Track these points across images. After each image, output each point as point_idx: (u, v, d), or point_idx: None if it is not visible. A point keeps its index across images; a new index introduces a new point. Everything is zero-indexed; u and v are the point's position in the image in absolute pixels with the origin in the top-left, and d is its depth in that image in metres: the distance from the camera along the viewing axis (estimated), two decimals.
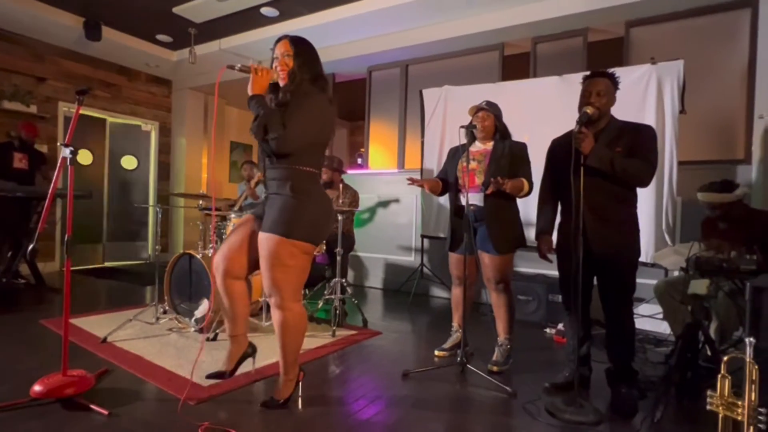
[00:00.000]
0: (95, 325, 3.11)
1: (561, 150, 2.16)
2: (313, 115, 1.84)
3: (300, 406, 1.96)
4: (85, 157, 5.89)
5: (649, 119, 3.15)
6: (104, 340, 2.76)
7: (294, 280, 1.87)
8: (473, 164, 2.55)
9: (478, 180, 2.53)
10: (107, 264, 6.12)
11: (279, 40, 1.92)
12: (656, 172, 2.07)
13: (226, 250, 1.92)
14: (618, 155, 1.99)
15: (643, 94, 3.30)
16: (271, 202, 1.88)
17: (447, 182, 2.73)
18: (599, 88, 2.07)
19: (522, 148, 2.59)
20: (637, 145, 2.02)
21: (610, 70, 2.15)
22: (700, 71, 3.59)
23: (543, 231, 2.31)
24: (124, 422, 1.79)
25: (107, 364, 2.40)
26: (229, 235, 1.99)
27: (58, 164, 2.00)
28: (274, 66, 1.90)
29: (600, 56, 4.16)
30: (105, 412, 1.83)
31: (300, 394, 2.02)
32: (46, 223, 2.13)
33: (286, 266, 1.81)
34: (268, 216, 1.85)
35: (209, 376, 1.96)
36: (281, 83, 1.89)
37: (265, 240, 1.82)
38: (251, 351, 2.05)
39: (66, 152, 1.95)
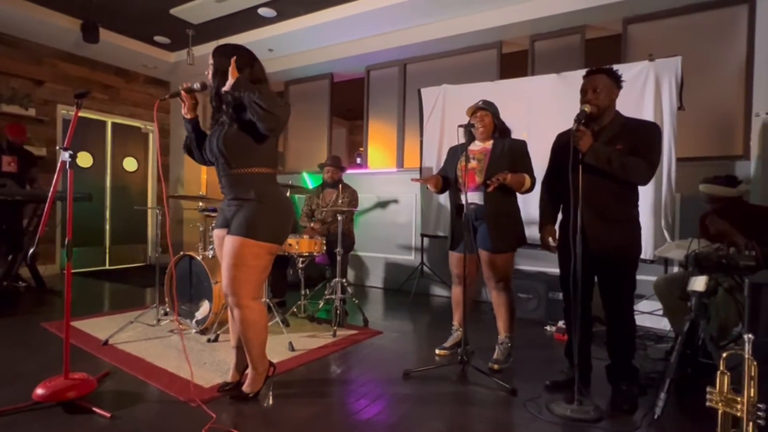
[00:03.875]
0: (96, 327, 3.11)
1: (562, 146, 2.16)
2: (283, 103, 1.91)
3: (270, 402, 2.00)
4: (84, 159, 5.88)
5: (647, 116, 3.16)
6: (105, 342, 2.76)
7: (254, 280, 1.91)
8: (473, 163, 2.56)
9: (479, 179, 2.53)
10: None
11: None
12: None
13: None
14: (616, 153, 1.98)
15: (641, 91, 3.30)
16: (234, 206, 1.92)
17: (447, 180, 2.73)
18: (596, 85, 2.07)
19: (522, 144, 2.59)
20: (638, 143, 2.01)
21: (609, 67, 2.15)
22: (697, 68, 3.59)
23: (545, 222, 2.31)
24: (126, 424, 1.80)
25: (109, 366, 2.41)
26: (220, 256, 2.03)
27: (58, 167, 2.00)
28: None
29: (598, 53, 4.16)
30: (107, 414, 1.84)
31: (271, 389, 2.06)
32: (46, 226, 2.13)
33: (249, 266, 1.87)
34: (237, 220, 1.89)
35: (220, 390, 2.08)
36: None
37: (230, 241, 1.87)
38: None
39: (65, 156, 1.96)
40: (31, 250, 2.41)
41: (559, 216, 2.30)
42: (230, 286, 1.88)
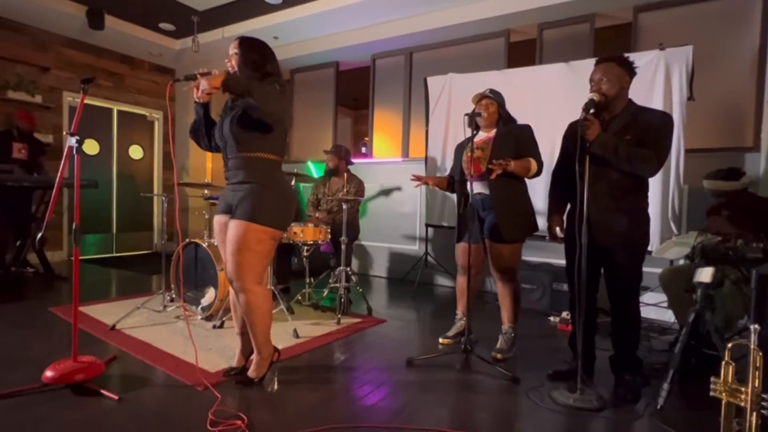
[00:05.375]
0: (103, 312, 3.15)
1: (572, 135, 2.14)
2: (278, 96, 1.92)
3: (275, 387, 2.01)
4: (90, 147, 5.90)
5: (656, 106, 3.11)
6: (113, 327, 2.80)
7: (258, 265, 1.93)
8: (477, 152, 2.54)
9: (483, 168, 2.51)
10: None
11: (235, 40, 2.01)
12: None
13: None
14: (624, 143, 1.96)
15: (651, 81, 3.26)
16: (238, 191, 1.93)
17: (455, 179, 2.72)
18: (604, 73, 2.04)
19: (526, 129, 2.55)
20: (649, 134, 1.98)
21: (620, 55, 2.11)
22: (709, 57, 3.53)
23: (553, 211, 2.30)
24: (133, 407, 1.83)
25: (116, 350, 2.44)
26: (221, 243, 2.05)
27: (65, 153, 2.01)
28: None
29: (607, 42, 4.11)
30: (115, 397, 1.87)
31: (276, 374, 2.07)
32: (53, 213, 2.15)
33: (253, 251, 1.89)
34: (241, 205, 1.90)
35: (226, 375, 2.10)
36: None
37: (235, 226, 1.88)
38: None
39: (72, 141, 1.96)
40: (39, 236, 2.41)
41: (568, 206, 2.29)
42: (234, 271, 1.90)
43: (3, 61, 4.95)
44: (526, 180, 2.56)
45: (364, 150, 6.55)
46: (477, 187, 2.54)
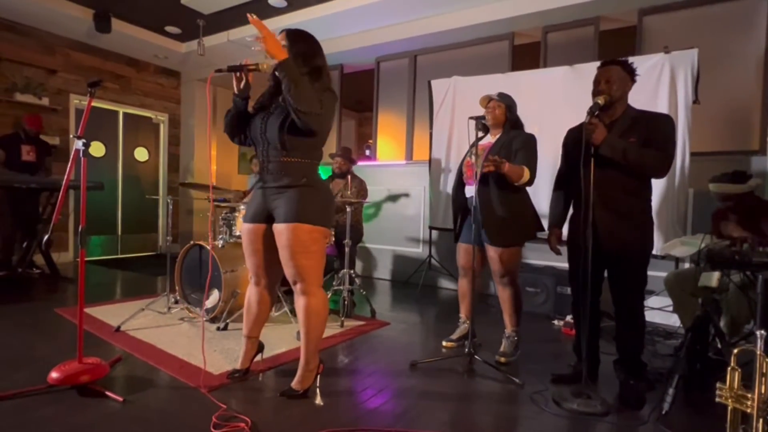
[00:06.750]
0: (108, 314, 3.17)
1: (574, 140, 2.13)
2: (331, 105, 1.90)
3: (318, 399, 1.95)
4: (97, 149, 5.94)
5: (661, 109, 3.11)
6: (118, 328, 2.81)
7: (318, 265, 1.93)
8: (474, 158, 2.53)
9: (477, 172, 2.49)
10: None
11: (280, 32, 1.96)
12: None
13: (259, 264, 2.02)
14: (632, 145, 1.96)
15: (656, 84, 3.25)
16: (281, 194, 1.90)
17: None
18: (609, 76, 2.04)
19: (527, 138, 2.50)
20: (652, 135, 1.98)
21: (624, 59, 2.11)
22: (714, 60, 3.52)
23: (553, 224, 2.31)
24: (138, 409, 1.83)
25: (121, 352, 2.46)
26: (253, 252, 2.01)
27: (72, 156, 2.02)
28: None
29: (612, 45, 4.09)
30: (119, 398, 1.88)
31: (318, 385, 2.02)
32: (60, 214, 2.16)
33: (310, 252, 1.88)
34: (285, 207, 1.87)
35: (230, 377, 2.11)
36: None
37: (287, 230, 1.86)
38: (261, 348, 2.23)
39: (79, 144, 1.98)
40: (45, 237, 2.44)
41: (570, 210, 2.28)
42: (298, 274, 1.88)
43: (11, 64, 5.00)
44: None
45: (368, 152, 6.55)
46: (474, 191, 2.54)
